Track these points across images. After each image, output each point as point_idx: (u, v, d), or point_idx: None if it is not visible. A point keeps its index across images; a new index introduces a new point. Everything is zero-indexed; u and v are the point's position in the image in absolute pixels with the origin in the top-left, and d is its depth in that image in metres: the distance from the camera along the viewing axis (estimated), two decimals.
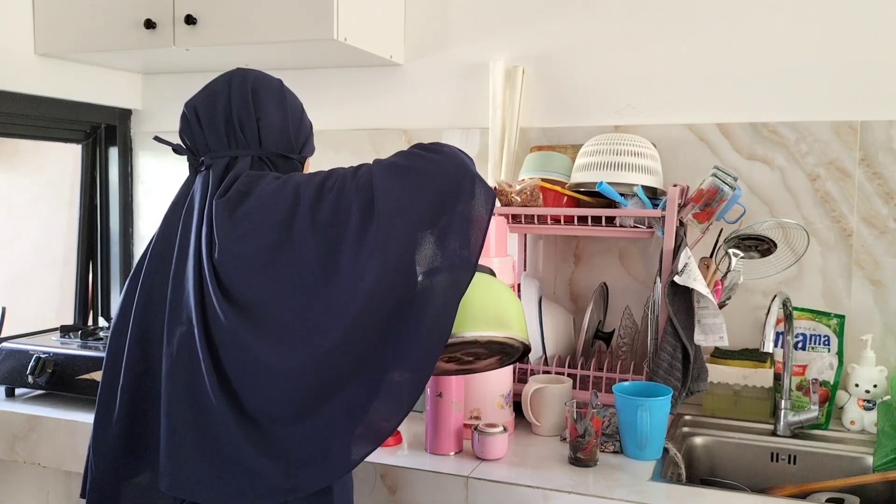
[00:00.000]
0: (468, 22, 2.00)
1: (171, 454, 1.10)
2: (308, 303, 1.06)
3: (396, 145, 2.06)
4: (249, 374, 1.07)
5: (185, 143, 1.22)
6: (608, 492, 1.30)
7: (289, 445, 1.07)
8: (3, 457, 1.77)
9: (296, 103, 1.26)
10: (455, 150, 1.14)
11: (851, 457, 1.57)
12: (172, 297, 1.13)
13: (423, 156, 1.12)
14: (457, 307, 1.08)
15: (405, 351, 1.06)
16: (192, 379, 1.09)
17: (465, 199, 1.09)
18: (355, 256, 1.05)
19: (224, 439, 1.08)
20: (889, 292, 1.70)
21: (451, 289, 1.07)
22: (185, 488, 1.11)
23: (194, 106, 1.20)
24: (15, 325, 2.04)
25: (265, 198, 1.11)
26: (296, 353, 1.06)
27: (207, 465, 1.09)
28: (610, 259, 1.90)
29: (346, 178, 1.11)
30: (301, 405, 1.07)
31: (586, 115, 1.91)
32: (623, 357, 1.76)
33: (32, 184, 2.40)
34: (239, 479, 1.08)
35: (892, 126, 1.68)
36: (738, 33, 1.78)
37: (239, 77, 1.21)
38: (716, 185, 1.62)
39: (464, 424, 1.51)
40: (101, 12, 1.92)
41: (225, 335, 1.08)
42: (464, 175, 1.11)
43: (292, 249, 1.08)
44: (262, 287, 1.08)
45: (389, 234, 1.05)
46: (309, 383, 1.06)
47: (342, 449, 1.07)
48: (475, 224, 1.10)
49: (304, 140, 1.25)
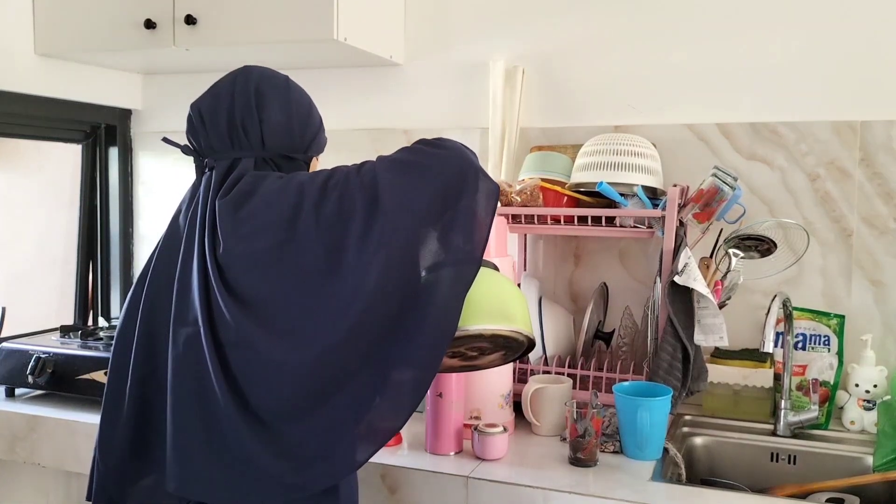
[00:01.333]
0: (468, 22, 2.00)
1: (178, 455, 1.10)
2: (313, 299, 1.07)
3: (397, 145, 2.03)
4: (256, 373, 1.07)
5: (192, 145, 1.22)
6: (608, 492, 1.30)
7: (295, 444, 1.07)
8: (3, 457, 1.77)
9: (302, 100, 1.24)
10: (458, 145, 1.14)
11: (851, 457, 1.57)
12: (178, 298, 1.13)
13: (427, 151, 1.13)
14: (462, 301, 1.08)
15: (411, 347, 1.06)
16: (199, 379, 1.09)
17: (469, 193, 1.10)
18: (360, 252, 1.05)
19: (231, 438, 1.08)
20: (889, 292, 1.70)
21: (456, 283, 1.07)
22: (192, 488, 1.10)
23: (199, 107, 1.20)
24: (15, 325, 2.04)
25: (269, 196, 1.11)
26: (302, 349, 1.06)
27: (215, 464, 1.09)
28: (610, 259, 1.90)
29: (349, 176, 1.11)
30: (307, 402, 1.07)
31: (586, 115, 1.91)
32: (623, 357, 1.76)
33: (32, 184, 2.40)
34: (246, 478, 1.08)
35: (892, 126, 1.68)
36: (738, 33, 1.78)
37: (244, 77, 1.21)
38: (716, 185, 1.62)
39: (464, 424, 1.51)
40: (101, 12, 1.92)
41: (231, 334, 1.08)
42: (467, 169, 1.11)
43: (297, 247, 1.08)
44: (267, 285, 1.08)
45: (394, 230, 1.05)
46: (315, 380, 1.07)
47: (348, 448, 1.07)
48: (479, 219, 1.10)
49: (310, 139, 1.24)
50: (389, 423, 1.08)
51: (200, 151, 1.21)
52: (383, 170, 1.10)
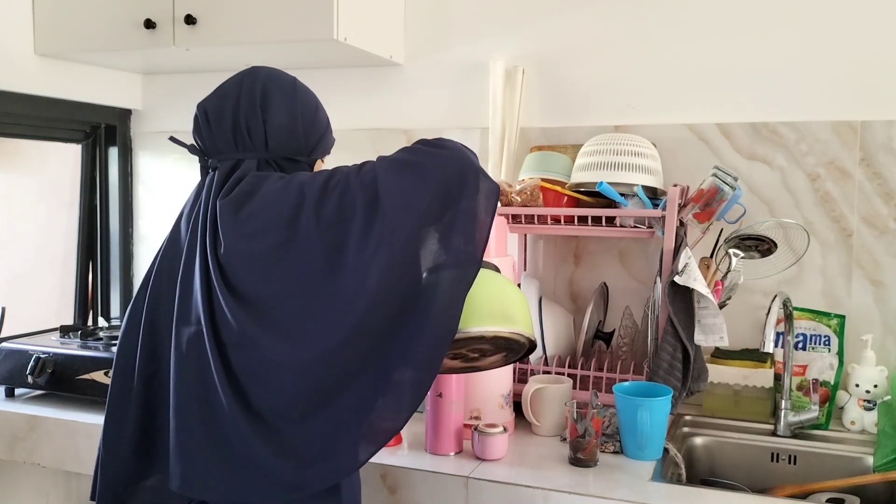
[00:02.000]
0: (468, 22, 2.00)
1: (181, 453, 1.11)
2: (315, 300, 1.07)
3: (397, 145, 2.03)
4: (258, 373, 1.08)
5: (198, 144, 1.22)
6: (608, 492, 1.30)
7: (297, 443, 1.07)
8: (3, 457, 1.77)
9: (309, 101, 1.24)
10: (458, 145, 1.14)
11: (852, 457, 1.57)
12: (181, 298, 1.14)
13: (427, 151, 1.13)
14: (463, 303, 1.08)
15: (412, 347, 1.06)
16: (202, 379, 1.10)
17: (469, 194, 1.09)
18: (360, 252, 1.05)
19: (234, 438, 1.08)
20: (889, 292, 1.70)
21: (457, 284, 1.07)
22: (195, 487, 1.11)
23: (205, 107, 1.20)
24: (15, 325, 2.04)
25: (270, 196, 1.11)
26: (304, 350, 1.06)
27: (217, 463, 1.09)
28: (610, 259, 1.90)
29: (349, 176, 1.11)
30: (309, 402, 1.07)
31: (586, 115, 1.91)
32: (623, 357, 1.76)
33: (32, 184, 2.39)
34: (249, 477, 1.08)
35: (892, 126, 1.68)
36: (738, 33, 1.78)
37: (250, 78, 1.21)
38: (716, 185, 1.62)
39: (464, 424, 1.51)
40: (101, 12, 1.92)
41: (233, 335, 1.08)
42: (468, 170, 1.11)
43: (298, 247, 1.08)
44: (268, 284, 1.09)
45: (394, 230, 1.05)
46: (316, 380, 1.07)
47: (349, 447, 1.07)
48: (479, 219, 1.10)
49: (315, 141, 1.24)
50: (390, 423, 1.09)
51: (205, 151, 1.21)
52: (383, 170, 1.10)
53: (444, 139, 1.15)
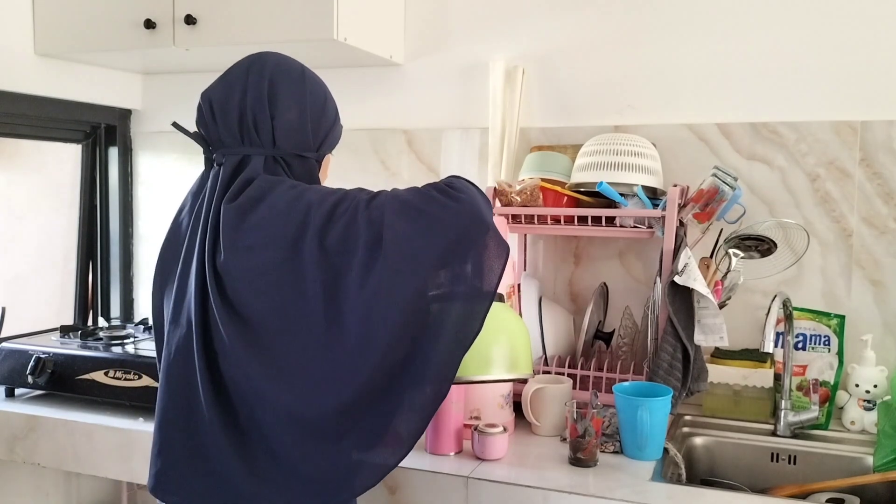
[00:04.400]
0: (468, 22, 2.00)
1: (159, 454, 1.10)
2: (318, 350, 1.04)
3: (396, 145, 2.06)
4: (248, 394, 1.06)
5: (201, 134, 1.19)
6: (608, 492, 1.30)
7: (283, 471, 1.06)
8: (3, 457, 1.77)
9: (318, 92, 1.20)
10: (473, 197, 1.08)
11: (851, 457, 1.57)
12: (176, 298, 1.12)
13: (440, 200, 1.07)
14: (459, 360, 1.07)
15: (410, 402, 1.07)
16: (188, 383, 1.09)
17: (477, 252, 1.07)
18: (358, 294, 1.03)
19: (212, 449, 1.07)
20: (889, 292, 1.70)
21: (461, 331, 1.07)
22: (168, 491, 1.10)
23: (210, 97, 1.16)
24: (15, 325, 2.04)
25: (276, 210, 1.07)
26: (300, 403, 1.05)
27: (191, 472, 1.08)
28: (610, 259, 1.90)
29: (358, 208, 1.06)
30: (299, 442, 1.06)
31: (586, 115, 1.91)
32: (623, 357, 1.76)
33: (32, 184, 2.39)
34: (222, 493, 1.07)
35: (892, 126, 1.68)
36: (738, 33, 1.78)
37: (258, 67, 1.16)
38: (716, 185, 1.62)
39: (464, 424, 1.51)
40: (101, 12, 1.92)
41: (224, 346, 1.07)
42: (479, 228, 1.07)
43: (299, 270, 1.05)
44: (264, 303, 1.06)
45: (395, 280, 1.03)
46: (310, 430, 1.06)
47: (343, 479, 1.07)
48: (486, 276, 1.08)
49: (323, 136, 1.20)
50: (382, 459, 1.09)
51: (210, 143, 1.17)
52: (392, 211, 1.06)
53: (460, 184, 1.10)
